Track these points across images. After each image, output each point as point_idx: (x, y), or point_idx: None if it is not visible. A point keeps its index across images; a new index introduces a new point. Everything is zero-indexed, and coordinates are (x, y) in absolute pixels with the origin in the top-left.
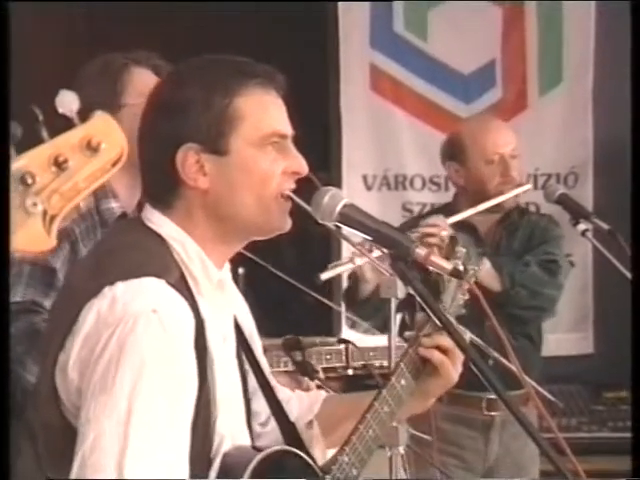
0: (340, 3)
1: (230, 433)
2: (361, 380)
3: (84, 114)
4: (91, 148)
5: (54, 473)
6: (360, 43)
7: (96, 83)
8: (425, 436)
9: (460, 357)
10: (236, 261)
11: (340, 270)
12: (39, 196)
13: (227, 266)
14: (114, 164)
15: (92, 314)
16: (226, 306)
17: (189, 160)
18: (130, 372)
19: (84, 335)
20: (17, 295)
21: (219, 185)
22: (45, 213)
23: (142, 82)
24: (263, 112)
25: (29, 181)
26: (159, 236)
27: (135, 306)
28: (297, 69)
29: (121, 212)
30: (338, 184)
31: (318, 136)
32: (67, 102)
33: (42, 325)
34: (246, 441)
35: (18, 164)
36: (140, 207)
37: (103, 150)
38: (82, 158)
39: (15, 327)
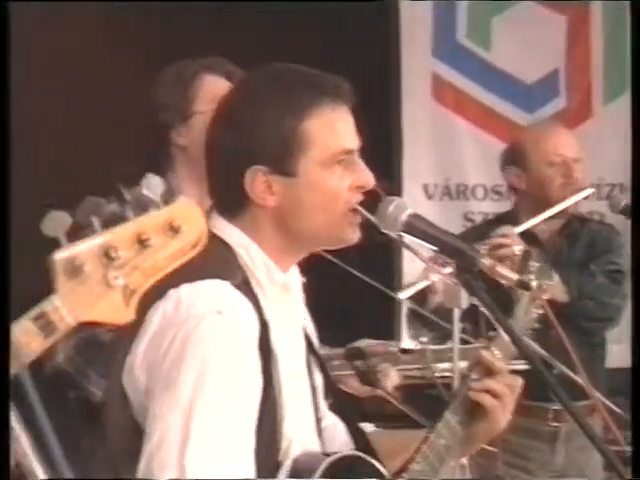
0: (403, 12)
1: (299, 439)
2: (421, 390)
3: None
4: (173, 230)
5: (126, 473)
6: (422, 52)
7: (169, 91)
8: (489, 447)
9: (511, 402)
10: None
11: (418, 287)
12: (121, 270)
13: (295, 270)
14: (193, 246)
15: (157, 316)
16: (293, 310)
17: (257, 181)
18: (193, 370)
19: (150, 336)
20: None
21: (287, 203)
22: (126, 287)
23: (214, 89)
24: (332, 132)
25: (113, 255)
26: (224, 242)
27: (199, 307)
28: (358, 77)
29: None
30: (399, 193)
31: (379, 145)
32: (153, 185)
33: (102, 337)
34: (316, 448)
35: (105, 238)
36: (208, 212)
37: (184, 232)
38: (164, 238)
39: (76, 338)
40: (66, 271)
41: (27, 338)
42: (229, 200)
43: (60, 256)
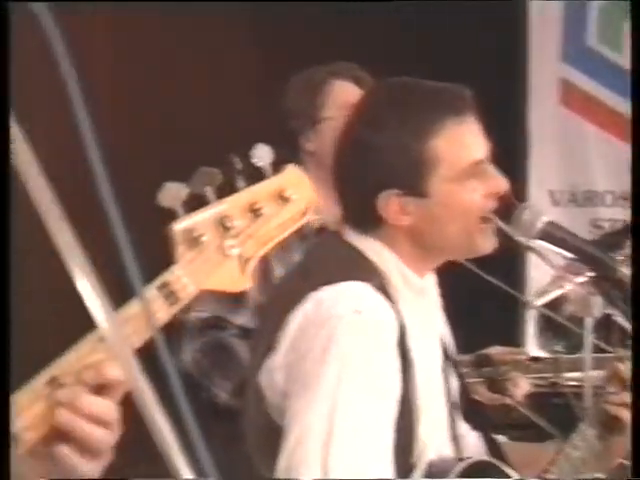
0: (532, 13)
1: (433, 442)
2: (547, 398)
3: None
4: (283, 198)
5: (266, 472)
6: (551, 58)
7: (298, 97)
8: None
9: None
10: None
11: (552, 296)
12: (236, 239)
13: (431, 278)
14: (303, 214)
15: (298, 318)
16: (429, 315)
17: (391, 204)
18: (334, 369)
19: (290, 339)
20: (206, 310)
21: (422, 221)
22: (241, 256)
23: (342, 95)
24: (459, 147)
25: (228, 224)
26: (358, 250)
27: (339, 308)
28: (483, 80)
29: (320, 225)
30: (524, 199)
31: (503, 151)
32: (263, 155)
33: (228, 340)
34: (449, 453)
35: (220, 208)
36: (337, 220)
37: (294, 201)
38: (275, 207)
39: (201, 342)
40: (185, 241)
41: (154, 306)
42: (362, 220)
43: (179, 227)
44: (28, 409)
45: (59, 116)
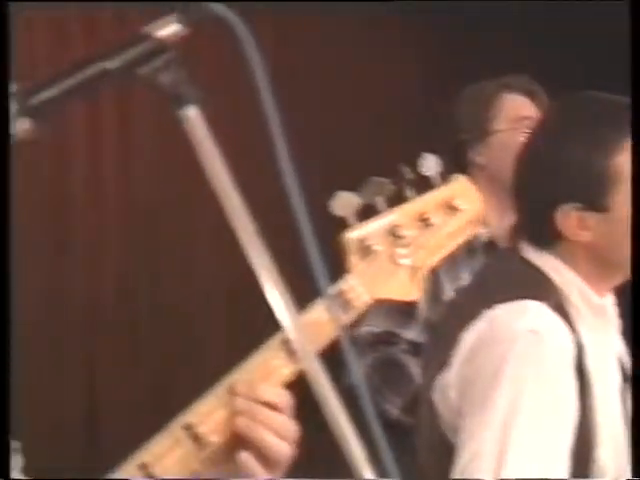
0: None
1: (613, 466)
2: None
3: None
4: (452, 208)
5: None
6: None
7: (470, 110)
8: None
9: None
10: None
11: None
12: (407, 249)
13: (610, 297)
14: (472, 224)
15: (472, 336)
16: (608, 336)
17: (570, 219)
18: (508, 389)
19: (463, 357)
20: (377, 325)
21: (603, 238)
22: (412, 266)
23: (513, 108)
24: None
25: (399, 234)
26: (535, 266)
27: (515, 326)
28: None
29: (488, 239)
30: None
31: None
32: (430, 165)
33: (399, 356)
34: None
35: (391, 217)
36: (511, 235)
37: (463, 211)
38: (444, 217)
39: (373, 357)
40: (358, 250)
41: (329, 315)
42: (540, 235)
43: (352, 236)
44: (212, 414)
45: (248, 122)
